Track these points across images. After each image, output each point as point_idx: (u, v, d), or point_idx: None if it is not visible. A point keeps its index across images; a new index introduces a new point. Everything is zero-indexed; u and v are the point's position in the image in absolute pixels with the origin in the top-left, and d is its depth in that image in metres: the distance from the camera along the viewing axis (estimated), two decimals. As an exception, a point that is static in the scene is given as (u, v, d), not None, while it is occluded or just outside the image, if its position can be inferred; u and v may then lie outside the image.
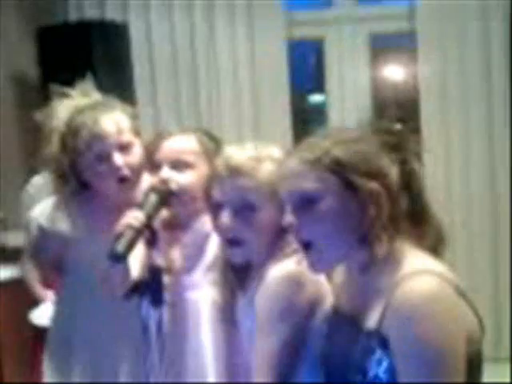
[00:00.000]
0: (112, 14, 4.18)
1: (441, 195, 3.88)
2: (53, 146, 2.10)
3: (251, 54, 4.24)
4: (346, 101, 4.36)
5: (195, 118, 4.14)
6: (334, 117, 4.37)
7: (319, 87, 4.75)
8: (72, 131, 2.06)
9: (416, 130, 1.60)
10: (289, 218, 1.49)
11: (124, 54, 3.95)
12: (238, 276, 1.83)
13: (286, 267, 1.67)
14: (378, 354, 1.36)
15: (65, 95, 2.17)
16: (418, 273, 1.36)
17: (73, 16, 4.20)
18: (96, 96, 2.21)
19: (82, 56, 3.74)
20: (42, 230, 2.18)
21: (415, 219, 1.46)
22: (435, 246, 1.48)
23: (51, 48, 3.83)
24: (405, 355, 1.32)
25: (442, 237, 1.50)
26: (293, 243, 1.68)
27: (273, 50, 4.24)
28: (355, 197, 1.42)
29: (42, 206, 2.22)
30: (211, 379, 1.90)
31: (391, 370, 1.35)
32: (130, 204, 2.00)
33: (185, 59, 4.22)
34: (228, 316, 1.85)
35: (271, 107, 4.24)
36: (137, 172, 2.11)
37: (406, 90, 4.60)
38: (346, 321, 1.50)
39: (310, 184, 1.44)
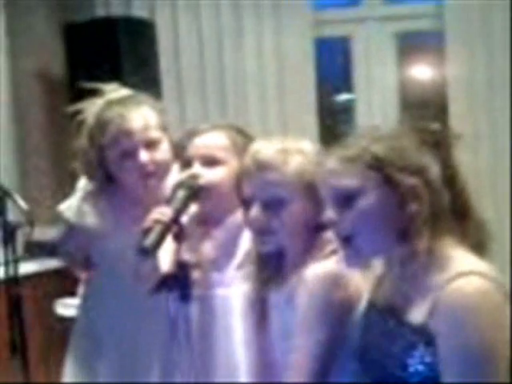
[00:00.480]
0: (138, 11, 4.18)
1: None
2: (82, 140, 2.11)
3: (278, 52, 4.21)
4: (374, 99, 4.32)
5: (221, 116, 4.13)
6: (362, 115, 4.35)
7: (346, 86, 4.72)
8: (100, 126, 2.07)
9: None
10: (329, 213, 1.51)
11: (150, 50, 3.94)
12: (271, 271, 1.82)
13: (325, 267, 1.67)
14: (421, 350, 1.38)
15: (95, 92, 2.18)
16: (471, 273, 1.36)
17: (99, 13, 4.20)
18: (126, 91, 2.21)
19: (108, 53, 3.75)
20: (69, 224, 2.19)
21: (458, 216, 1.47)
22: (479, 244, 1.48)
23: (78, 44, 3.83)
24: (453, 353, 1.33)
25: (485, 234, 1.50)
26: (331, 243, 1.68)
27: (300, 48, 4.20)
28: (395, 192, 1.43)
29: (70, 200, 2.23)
30: (242, 378, 1.90)
31: (432, 367, 1.35)
32: (156, 199, 2.01)
33: (211, 56, 4.21)
34: (259, 313, 1.84)
35: (298, 106, 4.21)
36: (163, 168, 2.11)
37: (434, 88, 4.55)
38: (384, 314, 1.51)
39: (350, 181, 1.46)
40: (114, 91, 2.18)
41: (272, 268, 1.82)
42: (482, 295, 1.34)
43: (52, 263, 3.29)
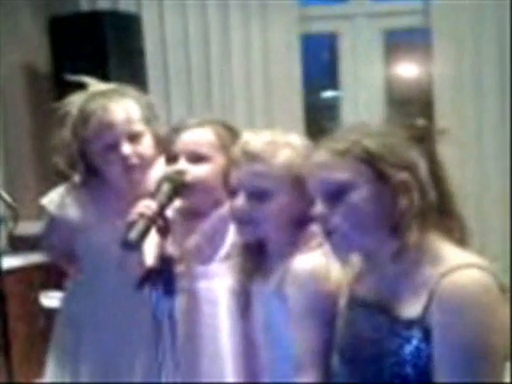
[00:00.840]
0: (124, 5, 4.16)
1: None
2: (65, 132, 2.10)
3: (264, 48, 4.21)
4: (360, 96, 4.33)
5: (207, 111, 4.12)
6: (348, 112, 4.35)
7: (331, 82, 4.72)
8: (83, 118, 2.06)
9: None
10: (318, 208, 1.50)
11: (136, 44, 3.94)
12: (255, 263, 1.82)
13: (312, 260, 1.67)
14: (417, 342, 1.38)
15: (80, 86, 2.17)
16: (466, 266, 1.37)
17: (85, 6, 4.18)
18: (110, 85, 2.20)
19: (94, 46, 3.74)
20: (51, 217, 2.18)
21: (442, 211, 1.48)
22: (462, 239, 1.49)
23: (63, 38, 3.82)
24: (451, 344, 1.34)
25: (466, 229, 1.51)
26: (317, 236, 1.68)
27: (286, 44, 4.21)
28: (386, 187, 1.44)
29: (53, 193, 2.22)
30: (227, 370, 1.90)
31: (428, 362, 1.37)
32: (139, 193, 2.00)
33: (198, 51, 4.20)
34: (243, 305, 1.84)
35: (284, 101, 4.21)
36: (146, 161, 2.10)
37: (420, 86, 4.56)
38: (372, 311, 1.50)
39: (341, 174, 1.46)
40: (98, 84, 2.17)
41: (255, 259, 1.82)
42: (483, 287, 1.35)
43: (35, 257, 3.28)
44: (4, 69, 3.92)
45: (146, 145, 2.10)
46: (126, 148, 2.05)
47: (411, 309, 1.41)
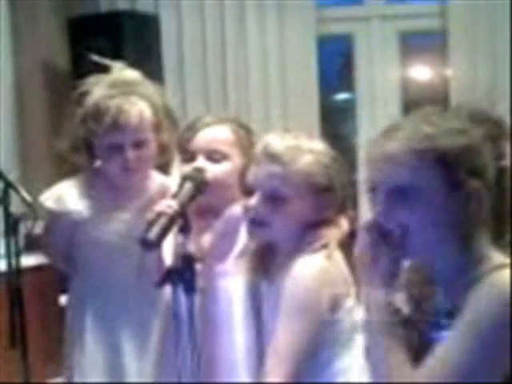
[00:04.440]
0: (143, 5, 4.18)
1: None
2: (76, 115, 2.11)
3: (281, 49, 4.22)
4: (375, 99, 4.33)
5: (223, 112, 4.13)
6: (363, 115, 4.35)
7: (346, 85, 4.72)
8: (95, 112, 2.07)
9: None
10: (380, 203, 1.40)
11: (154, 45, 3.96)
12: (264, 263, 1.83)
13: (315, 262, 1.68)
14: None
15: (101, 67, 2.18)
16: (503, 266, 1.33)
17: (104, 7, 4.20)
18: (132, 74, 2.21)
19: (112, 46, 3.75)
20: (51, 213, 2.19)
21: (498, 217, 1.41)
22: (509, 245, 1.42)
23: (82, 38, 3.84)
24: (465, 329, 1.30)
25: None
26: (324, 238, 1.68)
27: (303, 46, 4.22)
28: (457, 193, 1.35)
29: (50, 190, 2.23)
30: (242, 367, 1.91)
31: None
32: (137, 189, 2.09)
33: (214, 52, 4.22)
34: (256, 303, 1.86)
35: (300, 103, 4.22)
36: (145, 168, 2.14)
37: (436, 89, 4.55)
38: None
39: (413, 173, 1.36)
40: (123, 70, 2.18)
41: (265, 259, 1.83)
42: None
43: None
44: (23, 68, 3.95)
45: (150, 150, 2.11)
46: (130, 153, 2.06)
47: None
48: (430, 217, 1.36)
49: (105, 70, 2.28)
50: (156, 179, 2.21)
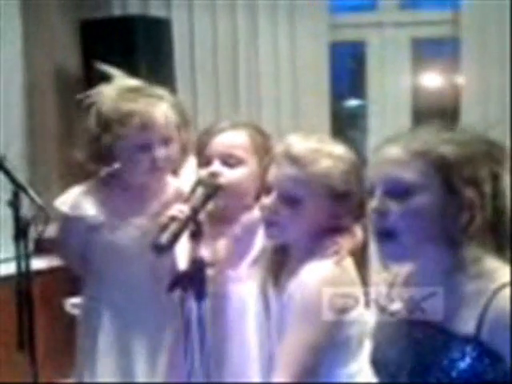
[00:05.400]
0: (155, 10, 4.18)
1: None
2: (91, 124, 2.11)
3: (292, 54, 4.20)
4: (386, 106, 4.32)
5: (234, 115, 4.12)
6: (373, 122, 4.34)
7: (357, 91, 4.71)
8: (120, 117, 2.07)
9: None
10: (375, 202, 1.47)
11: (166, 48, 3.95)
12: (279, 266, 1.82)
13: (324, 267, 1.66)
14: (470, 359, 1.37)
15: (108, 76, 2.19)
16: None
17: (116, 11, 4.20)
18: (135, 81, 2.22)
19: (124, 50, 3.75)
20: (66, 218, 2.19)
21: (496, 231, 1.46)
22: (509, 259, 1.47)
23: (94, 42, 3.84)
24: None
25: None
26: (336, 244, 1.67)
27: (314, 51, 4.19)
28: (452, 199, 1.42)
29: (65, 195, 2.24)
30: (254, 371, 1.90)
31: (480, 377, 1.37)
32: (155, 191, 2.10)
33: (226, 57, 4.21)
34: (268, 309, 1.85)
35: (311, 109, 4.20)
36: (171, 166, 2.14)
37: (447, 97, 4.54)
38: (416, 325, 1.48)
39: (412, 175, 1.43)
40: (126, 78, 2.20)
41: (280, 262, 1.82)
42: None
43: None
44: (35, 72, 3.95)
45: (175, 149, 2.13)
46: (159, 151, 2.08)
47: (461, 323, 1.40)
48: (423, 217, 1.42)
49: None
50: (172, 184, 2.22)
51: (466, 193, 1.41)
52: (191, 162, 2.17)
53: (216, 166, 1.98)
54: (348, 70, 5.11)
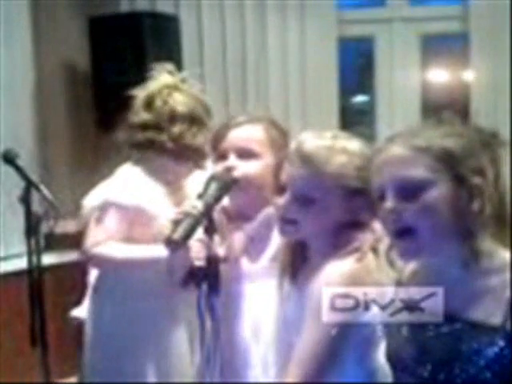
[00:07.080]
0: (163, 6, 4.18)
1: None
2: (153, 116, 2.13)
3: (301, 51, 4.20)
4: (395, 101, 4.31)
5: (243, 112, 4.11)
6: (382, 117, 4.33)
7: (366, 86, 4.70)
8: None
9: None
10: (388, 203, 1.47)
11: (174, 45, 3.94)
12: (293, 264, 1.81)
13: (346, 265, 1.65)
14: (498, 348, 1.39)
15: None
16: None
17: (124, 7, 4.20)
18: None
19: (132, 47, 3.75)
20: (123, 208, 2.20)
21: (500, 221, 1.47)
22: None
23: (102, 38, 3.85)
24: None
25: None
26: (357, 241, 1.66)
27: (323, 47, 4.19)
28: (461, 190, 1.43)
29: (114, 186, 2.25)
30: (271, 370, 1.89)
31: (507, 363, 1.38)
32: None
33: (234, 54, 4.21)
34: (284, 305, 1.84)
35: (319, 105, 4.20)
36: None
37: (456, 92, 4.52)
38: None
39: (419, 171, 1.44)
40: (170, 73, 2.23)
41: (297, 260, 1.81)
42: None
43: (72, 256, 3.30)
44: (44, 68, 3.96)
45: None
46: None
47: (486, 314, 1.41)
48: (436, 211, 1.43)
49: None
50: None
51: (475, 181, 1.43)
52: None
53: (231, 159, 1.96)
54: (356, 66, 5.10)
